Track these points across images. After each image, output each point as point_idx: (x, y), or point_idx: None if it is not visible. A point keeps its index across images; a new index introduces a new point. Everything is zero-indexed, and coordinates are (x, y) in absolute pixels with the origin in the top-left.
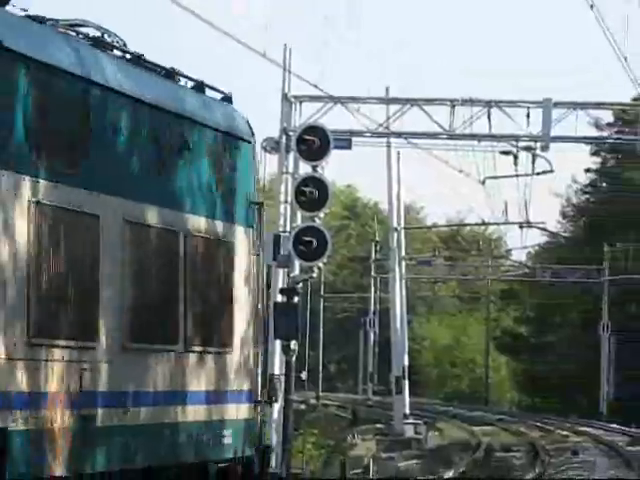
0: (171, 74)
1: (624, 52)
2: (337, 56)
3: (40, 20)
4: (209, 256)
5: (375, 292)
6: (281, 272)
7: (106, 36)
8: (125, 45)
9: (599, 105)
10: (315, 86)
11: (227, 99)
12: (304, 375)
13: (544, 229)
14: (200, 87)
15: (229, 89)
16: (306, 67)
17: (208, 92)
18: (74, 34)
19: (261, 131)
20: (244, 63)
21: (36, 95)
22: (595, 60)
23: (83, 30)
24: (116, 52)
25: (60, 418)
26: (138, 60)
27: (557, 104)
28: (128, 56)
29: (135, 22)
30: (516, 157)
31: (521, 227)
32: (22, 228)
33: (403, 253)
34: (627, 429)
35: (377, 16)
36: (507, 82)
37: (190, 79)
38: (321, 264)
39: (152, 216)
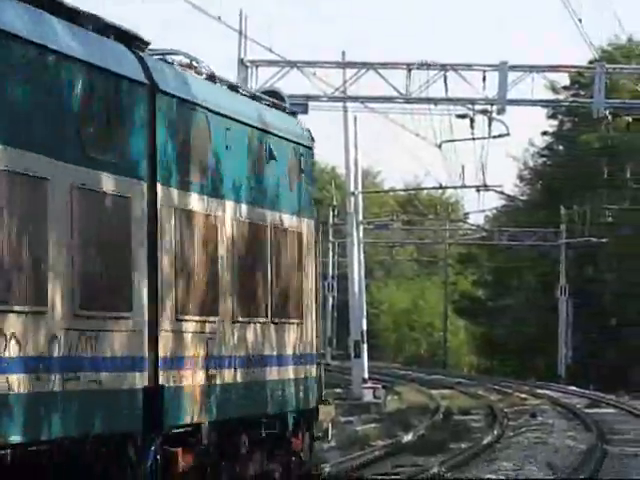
0: (256, 97)
1: (579, 14)
2: (293, 21)
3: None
4: (287, 244)
5: (333, 257)
6: None
7: (194, 63)
8: (213, 72)
9: (555, 68)
10: (270, 50)
11: (293, 113)
12: None
13: (501, 192)
14: (275, 105)
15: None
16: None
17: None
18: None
19: None
20: (199, 27)
21: (183, 127)
22: (551, 23)
23: (175, 58)
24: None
25: (194, 377)
26: (232, 86)
27: (513, 67)
28: (213, 79)
29: None
30: (472, 120)
31: (478, 190)
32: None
33: (361, 217)
34: (586, 391)
35: None
36: (463, 45)
37: (267, 101)
38: None
39: (251, 214)
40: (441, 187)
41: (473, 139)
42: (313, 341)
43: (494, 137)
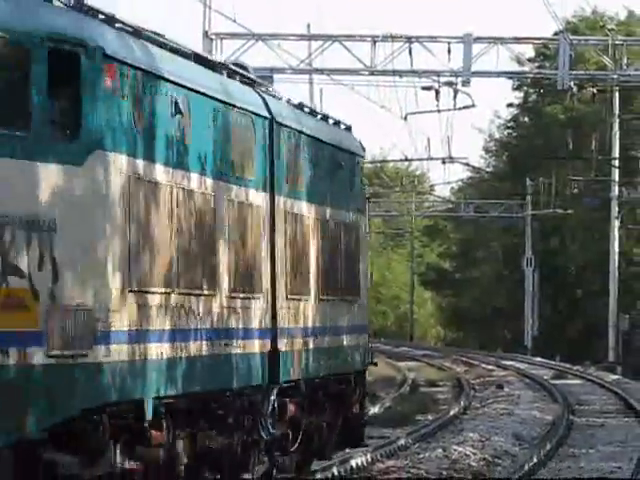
0: (325, 117)
1: None
2: None
3: (212, 65)
4: (349, 237)
5: None
6: None
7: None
8: (301, 103)
9: (519, 40)
10: (234, 20)
11: (348, 128)
12: None
13: (467, 164)
14: (337, 123)
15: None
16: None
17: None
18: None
19: None
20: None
21: (318, 157)
22: None
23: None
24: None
25: (296, 344)
26: (313, 111)
27: (477, 39)
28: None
29: None
30: (438, 92)
31: (444, 162)
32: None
33: None
34: (552, 363)
35: None
36: (428, 17)
37: (331, 118)
38: None
39: (328, 214)
40: (407, 159)
41: (438, 111)
42: (365, 314)
43: (459, 109)
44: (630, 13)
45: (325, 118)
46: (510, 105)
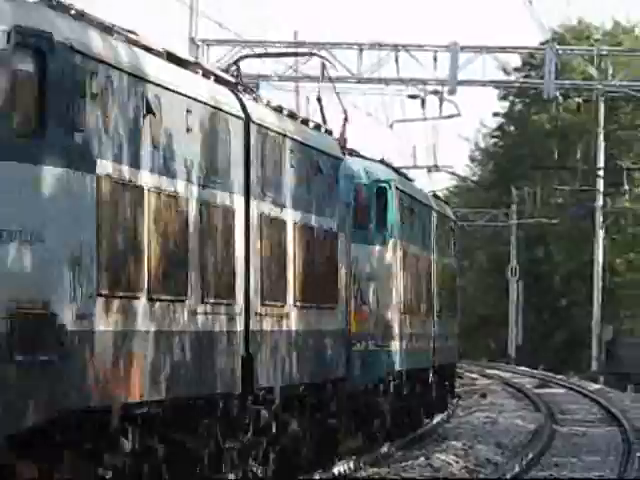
0: (306, 121)
1: None
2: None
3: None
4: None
5: None
6: None
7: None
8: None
9: (505, 49)
10: (220, 25)
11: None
12: None
13: (452, 173)
14: (317, 127)
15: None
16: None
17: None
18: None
19: None
20: (149, 3)
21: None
22: (502, 4)
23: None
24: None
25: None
26: (305, 121)
27: (464, 48)
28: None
29: None
30: (424, 101)
31: (429, 171)
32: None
33: None
34: (535, 372)
35: None
36: (414, 26)
37: (312, 122)
38: None
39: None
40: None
41: (424, 119)
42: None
43: (445, 117)
44: (616, 23)
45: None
46: (496, 114)
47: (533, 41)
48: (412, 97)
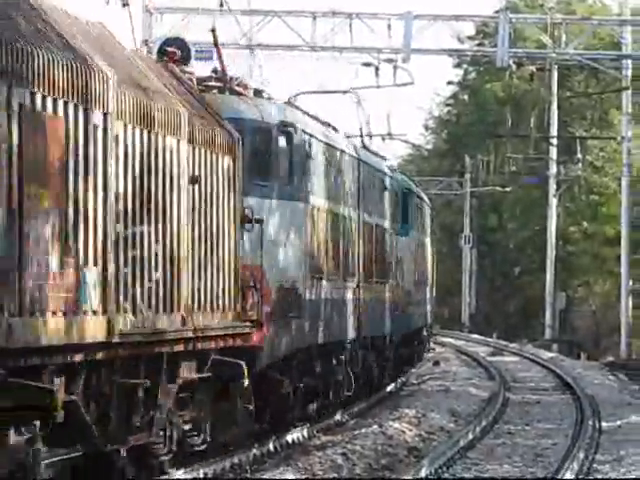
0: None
1: None
2: None
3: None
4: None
5: None
6: None
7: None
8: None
9: (459, 17)
10: None
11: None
12: None
13: (406, 141)
14: (376, 154)
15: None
16: None
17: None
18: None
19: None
20: None
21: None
22: None
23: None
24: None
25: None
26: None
27: (418, 16)
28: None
29: None
30: (378, 69)
31: (384, 139)
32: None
33: None
34: (489, 340)
35: None
36: None
37: (375, 153)
38: None
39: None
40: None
41: (378, 87)
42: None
43: (399, 86)
44: None
45: (376, 154)
46: (450, 83)
47: (487, 10)
48: (366, 65)
